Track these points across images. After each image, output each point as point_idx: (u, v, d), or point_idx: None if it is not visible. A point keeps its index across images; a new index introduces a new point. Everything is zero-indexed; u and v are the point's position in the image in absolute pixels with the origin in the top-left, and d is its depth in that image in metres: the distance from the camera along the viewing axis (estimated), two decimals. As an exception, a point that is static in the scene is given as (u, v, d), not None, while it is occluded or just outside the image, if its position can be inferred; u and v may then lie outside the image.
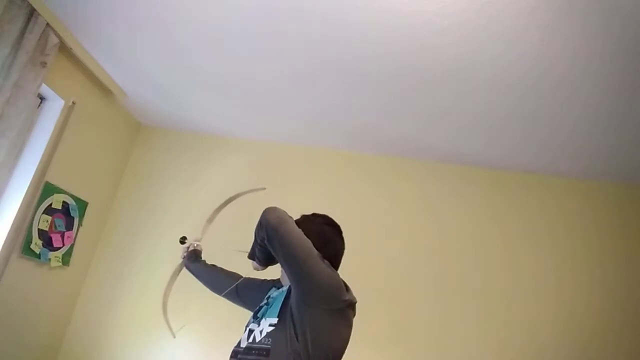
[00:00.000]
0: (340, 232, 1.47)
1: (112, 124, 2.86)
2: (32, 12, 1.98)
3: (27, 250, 2.30)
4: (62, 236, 2.53)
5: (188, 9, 1.87)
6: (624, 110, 1.94)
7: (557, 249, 2.49)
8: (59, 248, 2.51)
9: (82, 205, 2.65)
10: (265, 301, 1.47)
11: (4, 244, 2.18)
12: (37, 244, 2.35)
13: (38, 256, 2.37)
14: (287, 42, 1.94)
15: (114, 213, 2.94)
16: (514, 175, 2.66)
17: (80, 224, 2.65)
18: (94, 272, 2.81)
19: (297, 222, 1.47)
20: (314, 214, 1.50)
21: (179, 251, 1.92)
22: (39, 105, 2.37)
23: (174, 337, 1.85)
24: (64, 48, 2.21)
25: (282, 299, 1.31)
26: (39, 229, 2.35)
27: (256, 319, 1.39)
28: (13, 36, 1.93)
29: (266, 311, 1.37)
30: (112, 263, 2.82)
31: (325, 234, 1.40)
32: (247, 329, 1.40)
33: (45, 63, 2.10)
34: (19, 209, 2.23)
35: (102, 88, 2.60)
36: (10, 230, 2.20)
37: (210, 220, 1.97)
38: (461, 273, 2.51)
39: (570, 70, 1.76)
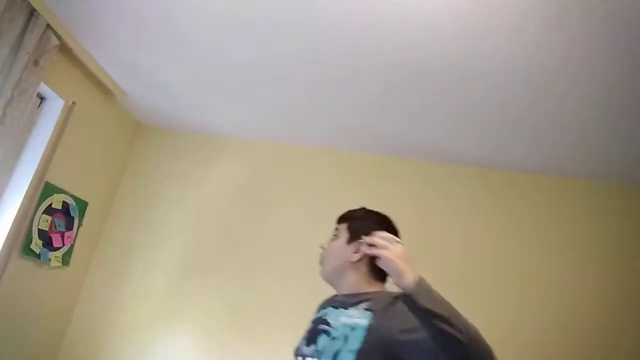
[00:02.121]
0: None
1: (112, 124, 2.86)
2: (32, 12, 1.98)
3: (27, 250, 2.30)
4: (62, 236, 2.53)
5: (188, 9, 1.87)
6: (620, 109, 1.93)
7: (546, 249, 2.49)
8: (59, 248, 2.52)
9: (82, 205, 2.65)
10: (325, 324, 1.18)
11: (4, 244, 2.18)
12: (37, 244, 2.35)
13: (38, 256, 2.37)
14: (288, 42, 1.94)
15: (114, 213, 2.94)
16: (504, 174, 2.66)
17: (80, 224, 2.65)
18: (94, 272, 2.81)
19: (355, 215, 1.35)
20: (367, 210, 1.38)
21: None
22: (39, 105, 2.37)
23: None
24: (64, 48, 2.21)
25: (358, 346, 1.05)
26: (39, 229, 2.35)
27: (320, 353, 1.12)
28: (13, 36, 1.93)
29: (331, 346, 1.09)
30: (112, 263, 2.82)
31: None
32: (305, 357, 1.16)
33: (46, 63, 2.10)
34: (19, 209, 2.23)
35: (102, 88, 2.60)
36: (10, 230, 2.20)
37: None
38: (450, 273, 2.49)
39: (567, 68, 1.76)
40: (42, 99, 2.38)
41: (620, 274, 2.39)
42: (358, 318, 1.11)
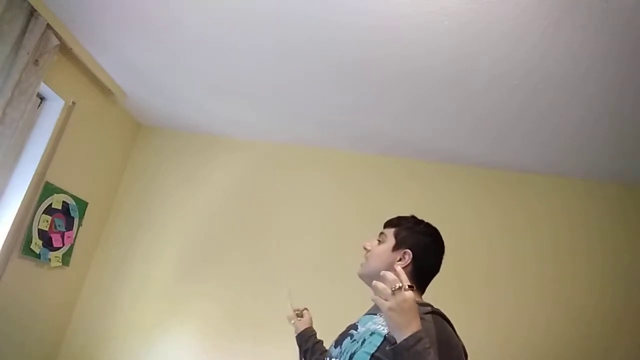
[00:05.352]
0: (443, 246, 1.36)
1: (112, 124, 2.86)
2: (32, 12, 1.98)
3: (27, 250, 2.30)
4: (62, 236, 2.53)
5: (189, 10, 1.87)
6: (627, 110, 1.93)
7: (540, 248, 2.49)
8: (59, 248, 2.52)
9: (82, 205, 2.65)
10: (354, 328, 1.26)
11: (4, 244, 2.18)
12: (37, 244, 2.35)
13: (38, 256, 2.37)
14: (289, 44, 1.94)
15: (114, 213, 2.94)
16: (498, 173, 2.66)
17: (80, 224, 2.65)
18: (94, 272, 2.81)
19: (403, 223, 1.35)
20: (416, 220, 1.37)
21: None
22: (39, 105, 2.37)
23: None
24: (64, 48, 2.21)
25: (373, 350, 1.09)
26: (39, 229, 2.35)
27: (341, 353, 1.20)
28: (13, 36, 1.93)
29: (351, 348, 1.16)
30: (112, 263, 2.82)
31: (428, 249, 1.31)
32: (331, 359, 1.24)
33: (46, 63, 2.10)
34: (19, 209, 2.23)
35: (102, 88, 2.60)
36: (10, 230, 2.20)
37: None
38: (444, 271, 2.48)
39: (560, 67, 1.75)
40: (42, 99, 2.38)
41: (615, 273, 2.39)
42: (381, 326, 1.14)
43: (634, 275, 2.37)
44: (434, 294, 1.41)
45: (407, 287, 1.01)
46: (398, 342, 0.99)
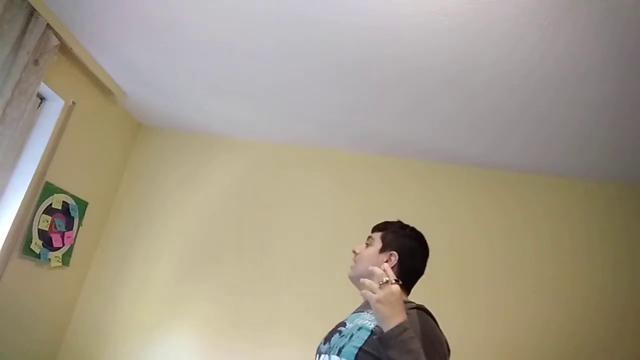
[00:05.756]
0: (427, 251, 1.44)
1: (112, 124, 2.86)
2: (32, 12, 1.98)
3: (27, 250, 2.30)
4: (62, 236, 2.53)
5: (189, 10, 1.87)
6: (627, 110, 1.93)
7: (539, 248, 2.49)
8: (59, 248, 2.52)
9: (82, 205, 2.65)
10: (342, 325, 1.30)
11: (4, 244, 2.18)
12: (37, 244, 2.35)
13: (38, 256, 2.37)
14: (289, 44, 1.94)
15: (114, 213, 2.94)
16: (497, 173, 2.66)
17: (80, 224, 2.65)
18: (94, 272, 2.81)
19: (389, 227, 1.42)
20: (402, 225, 1.45)
21: None
22: (39, 105, 2.37)
23: None
24: (64, 48, 2.21)
25: (360, 344, 1.14)
26: (39, 229, 2.35)
27: (330, 349, 1.23)
28: (13, 36, 1.93)
29: (339, 343, 1.20)
30: (112, 263, 2.82)
31: (413, 252, 1.39)
32: (320, 354, 1.27)
33: (46, 63, 2.10)
34: (19, 209, 2.23)
35: (102, 88, 2.60)
36: (10, 230, 2.20)
37: None
38: (444, 272, 2.47)
39: (560, 67, 1.75)
40: (42, 99, 2.38)
41: (615, 273, 2.38)
42: (368, 321, 1.21)
43: (635, 276, 2.37)
44: (434, 294, 1.42)
45: (393, 281, 1.09)
46: (385, 332, 1.05)
